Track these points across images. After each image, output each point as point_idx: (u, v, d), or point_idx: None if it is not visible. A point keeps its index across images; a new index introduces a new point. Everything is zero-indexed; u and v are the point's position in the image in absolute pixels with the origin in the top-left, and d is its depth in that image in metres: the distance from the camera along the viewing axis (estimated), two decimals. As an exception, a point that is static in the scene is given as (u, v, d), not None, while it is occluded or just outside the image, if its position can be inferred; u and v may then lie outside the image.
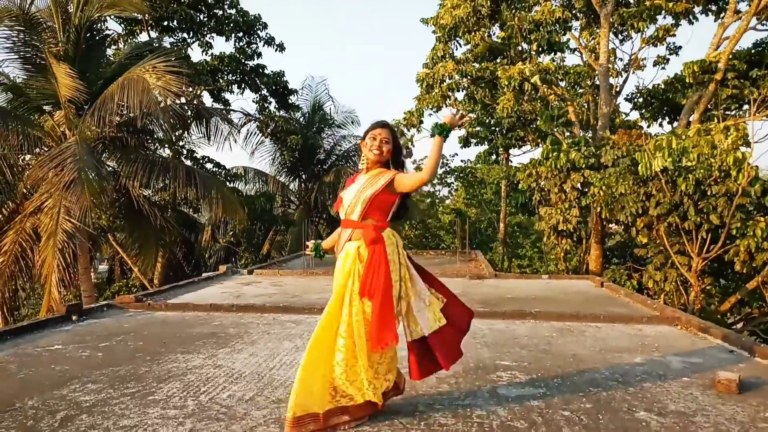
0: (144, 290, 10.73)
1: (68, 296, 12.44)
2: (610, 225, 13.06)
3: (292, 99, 18.85)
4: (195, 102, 15.39)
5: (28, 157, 11.89)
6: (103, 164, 11.49)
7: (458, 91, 16.24)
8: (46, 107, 11.59)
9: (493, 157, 21.82)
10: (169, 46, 15.66)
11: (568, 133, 15.70)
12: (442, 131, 2.94)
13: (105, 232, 15.01)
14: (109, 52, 15.10)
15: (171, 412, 3.15)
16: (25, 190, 11.24)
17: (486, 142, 20.59)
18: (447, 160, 26.49)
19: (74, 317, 5.71)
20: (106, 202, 11.71)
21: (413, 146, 16.62)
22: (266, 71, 18.24)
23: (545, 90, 14.03)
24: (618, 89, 16.45)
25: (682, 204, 9.05)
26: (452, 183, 27.79)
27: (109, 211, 13.37)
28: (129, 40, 16.63)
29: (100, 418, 3.07)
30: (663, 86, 16.56)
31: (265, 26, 18.07)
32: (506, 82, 13.16)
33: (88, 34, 11.73)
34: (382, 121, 3.15)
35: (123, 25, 16.78)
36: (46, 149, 11.05)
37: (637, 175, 9.50)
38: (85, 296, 11.17)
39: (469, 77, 15.37)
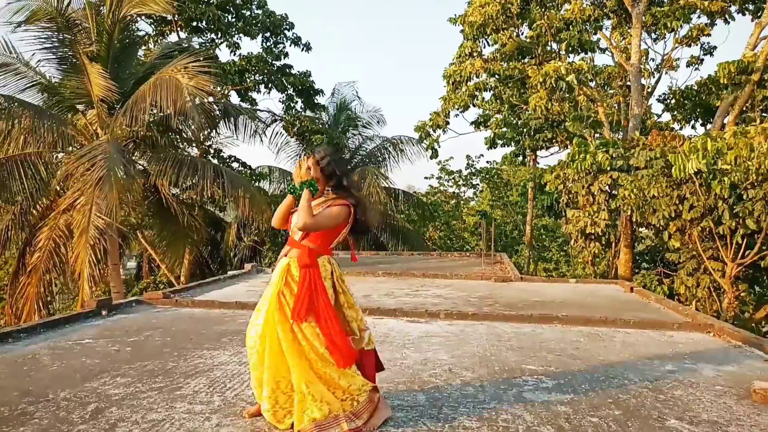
0: (171, 287, 10.91)
1: (98, 292, 12.76)
2: (640, 229, 12.81)
3: (318, 99, 18.97)
4: (222, 101, 15.60)
5: (61, 155, 12.22)
6: (132, 162, 11.72)
7: (485, 90, 16.14)
8: (79, 106, 11.89)
9: (520, 158, 21.55)
10: (197, 47, 15.92)
11: (597, 135, 15.46)
12: (294, 191, 2.92)
13: (134, 229, 15.35)
14: (140, 53, 15.41)
15: (198, 408, 3.20)
16: (58, 188, 11.55)
17: (513, 144, 20.35)
18: (472, 161, 26.09)
19: (104, 312, 5.85)
20: (133, 199, 11.93)
21: (439, 146, 16.52)
22: (292, 71, 18.41)
23: (579, 90, 13.83)
24: (650, 90, 16.14)
25: (716, 208, 8.82)
26: (477, 184, 27.55)
27: (139, 209, 13.65)
28: (159, 41, 16.97)
29: (128, 411, 3.13)
30: (696, 87, 16.19)
31: (291, 26, 18.27)
32: (540, 80, 12.97)
33: (120, 35, 12.00)
34: (336, 145, 3.21)
35: (153, 26, 17.13)
36: (78, 147, 11.34)
37: (670, 177, 9.30)
38: (115, 292, 11.43)
39: (496, 76, 15.25)
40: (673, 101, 17.23)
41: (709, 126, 15.79)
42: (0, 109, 10.44)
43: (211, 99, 13.65)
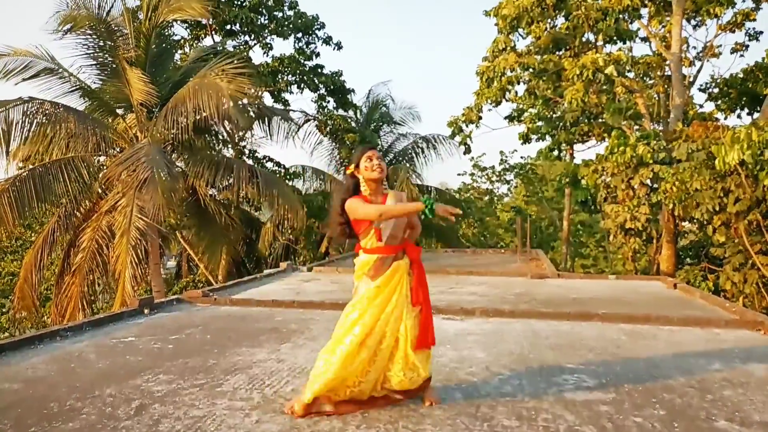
0: (209, 286, 11.14)
1: (139, 291, 13.13)
2: (683, 223, 12.43)
3: (351, 98, 19.03)
4: (257, 102, 15.82)
5: (102, 158, 12.61)
6: (173, 164, 12.02)
7: (518, 84, 15.85)
8: (119, 110, 12.25)
9: (555, 153, 21.06)
10: (231, 49, 16.18)
11: (637, 127, 15.06)
12: (430, 207, 2.99)
13: (174, 230, 15.72)
14: (176, 56, 15.77)
15: (238, 404, 3.25)
16: (100, 190, 11.93)
17: (547, 138, 19.93)
18: (506, 156, 25.99)
19: (146, 311, 6.01)
20: (177, 200, 12.25)
21: (472, 142, 16.32)
22: (324, 71, 18.51)
23: (618, 81, 13.48)
24: (691, 79, 15.65)
25: (765, 200, 8.49)
26: (511, 180, 27.24)
27: (178, 210, 13.99)
28: (194, 45, 17.33)
29: (171, 407, 3.21)
30: (742, 75, 15.58)
31: (322, 26, 18.35)
32: (577, 72, 12.68)
33: (156, 40, 12.31)
34: (369, 143, 3.38)
35: (188, 30, 17.49)
36: (119, 150, 11.68)
37: (713, 169, 9.00)
38: (155, 291, 11.74)
39: (530, 70, 14.98)
40: (716, 90, 16.64)
41: (756, 115, 15.18)
42: (47, 113, 10.83)
43: (246, 101, 13.88)
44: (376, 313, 3.09)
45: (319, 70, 18.44)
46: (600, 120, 17.02)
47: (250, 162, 16.50)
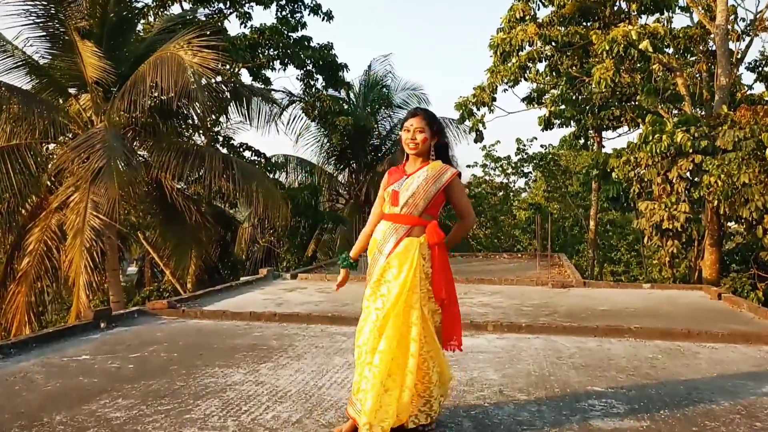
0: (177, 295, 11.14)
1: (95, 301, 13.12)
2: (729, 223, 12.47)
3: (343, 75, 18.94)
4: (233, 81, 15.78)
5: (52, 146, 12.57)
6: (133, 153, 11.99)
7: (539, 61, 15.79)
8: (71, 90, 12.21)
9: (581, 141, 21.03)
10: (204, 19, 16.13)
11: (675, 111, 15.07)
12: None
13: (135, 230, 15.71)
14: (139, 27, 15.71)
15: (209, 434, 3.26)
16: (49, 183, 11.90)
17: (572, 123, 19.82)
18: (524, 145, 25.86)
19: (103, 324, 6.01)
20: (137, 194, 12.23)
21: (484, 128, 16.17)
22: (312, 44, 18.43)
23: (654, 58, 13.46)
24: (739, 56, 15.65)
25: (824, 197, 8.52)
26: (530, 173, 27.05)
27: (140, 206, 13.96)
28: (160, 13, 17.27)
29: (132, 437, 3.21)
30: (798, 51, 15.61)
31: (310, -11, 18.28)
32: (606, 47, 12.66)
33: (115, 8, 12.25)
34: (416, 108, 3.41)
35: (153, -4, 17.43)
36: (71, 137, 11.64)
37: (764, 161, 9.03)
38: (114, 301, 11.74)
39: (553, 44, 14.91)
40: (767, 68, 16.68)
41: (814, 97, 15.23)
42: None
43: (219, 78, 13.84)
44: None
45: (306, 43, 18.38)
46: (633, 103, 17.05)
47: (224, 151, 16.52)
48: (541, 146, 26.25)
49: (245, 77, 18.59)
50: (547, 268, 11.80)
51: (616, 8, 14.99)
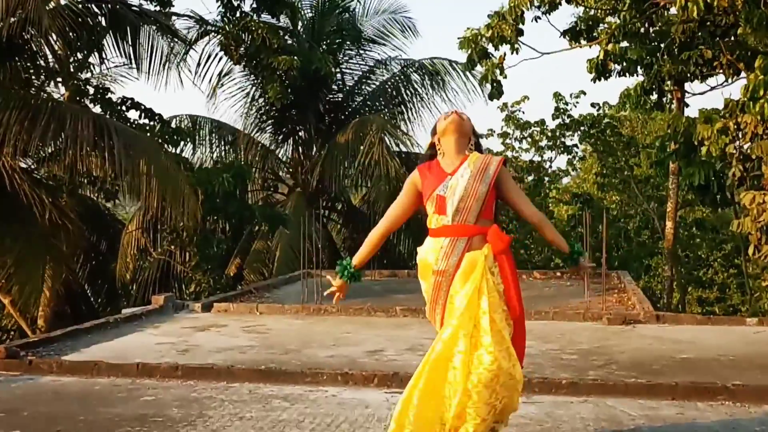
0: (22, 337, 9.78)
1: None
2: None
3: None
4: (110, 2, 12.41)
5: None
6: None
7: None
8: None
9: (653, 97, 16.14)
10: None
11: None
12: (576, 254, 3.49)
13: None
14: None
15: None
16: None
17: (640, 70, 15.42)
18: (566, 104, 20.01)
19: None
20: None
21: (504, 77, 12.40)
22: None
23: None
24: None
25: None
26: (575, 146, 21.11)
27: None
28: None
29: None
30: None
31: None
32: None
33: None
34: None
35: None
36: None
37: None
38: None
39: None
40: None
41: None
42: None
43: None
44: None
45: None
46: (732, 39, 14.05)
47: (97, 109, 12.91)
48: (592, 105, 20.23)
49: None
50: (602, 293, 10.14)
51: None
